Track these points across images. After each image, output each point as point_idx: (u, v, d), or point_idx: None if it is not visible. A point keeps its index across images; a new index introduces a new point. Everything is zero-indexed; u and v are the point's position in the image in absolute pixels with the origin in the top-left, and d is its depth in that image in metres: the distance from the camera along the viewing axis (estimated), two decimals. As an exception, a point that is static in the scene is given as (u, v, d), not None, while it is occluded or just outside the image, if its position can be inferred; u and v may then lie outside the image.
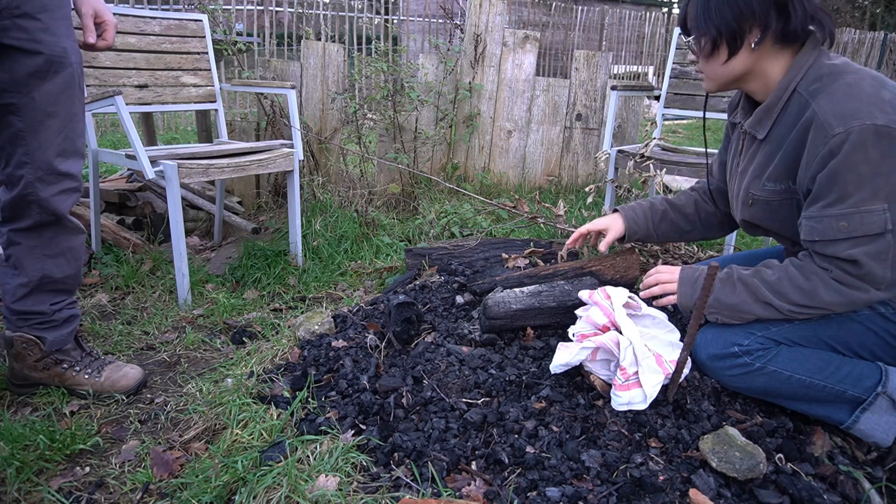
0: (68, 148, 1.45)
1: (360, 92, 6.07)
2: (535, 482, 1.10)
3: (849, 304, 1.15)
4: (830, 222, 1.10)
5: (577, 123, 3.61)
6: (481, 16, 3.52)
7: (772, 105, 1.23)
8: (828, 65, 1.16)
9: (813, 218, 1.13)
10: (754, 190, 1.29)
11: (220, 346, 1.89)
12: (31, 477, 1.26)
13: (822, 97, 1.12)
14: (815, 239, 1.14)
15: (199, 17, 2.62)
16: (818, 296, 1.15)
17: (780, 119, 1.22)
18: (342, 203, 2.93)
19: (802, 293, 1.16)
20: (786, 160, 1.20)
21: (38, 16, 1.33)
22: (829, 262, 1.14)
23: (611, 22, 11.69)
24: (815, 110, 1.12)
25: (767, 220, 1.30)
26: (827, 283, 1.14)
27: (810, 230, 1.14)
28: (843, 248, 1.10)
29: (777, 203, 1.25)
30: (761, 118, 1.26)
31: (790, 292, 1.18)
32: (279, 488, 1.12)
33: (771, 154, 1.24)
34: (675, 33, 2.80)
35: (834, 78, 1.13)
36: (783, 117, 1.21)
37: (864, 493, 1.12)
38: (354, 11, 7.84)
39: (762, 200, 1.28)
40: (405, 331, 1.62)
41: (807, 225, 1.15)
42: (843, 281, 1.13)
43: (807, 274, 1.16)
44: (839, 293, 1.13)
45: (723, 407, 1.31)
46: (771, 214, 1.28)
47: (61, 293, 1.55)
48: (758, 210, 1.30)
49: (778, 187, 1.23)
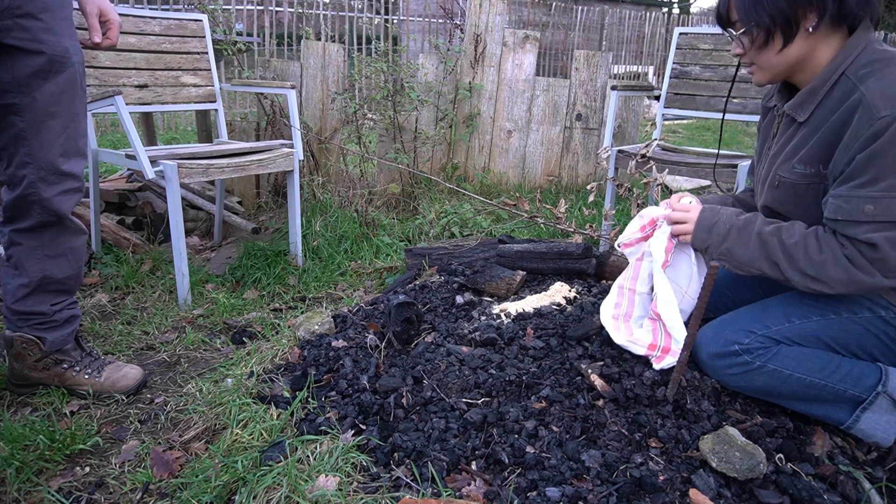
0: (70, 148, 1.45)
1: (360, 92, 6.07)
2: (535, 482, 1.10)
3: (852, 284, 1.14)
4: (858, 203, 1.09)
5: (577, 123, 3.61)
6: (481, 16, 3.52)
7: (817, 88, 1.20)
8: (879, 50, 1.14)
9: (841, 197, 1.12)
10: (783, 172, 1.27)
11: (220, 346, 1.89)
12: (31, 477, 1.26)
13: (871, 80, 1.10)
14: (838, 218, 1.12)
15: (199, 17, 2.62)
16: (825, 270, 1.15)
17: (823, 102, 1.20)
18: (342, 203, 2.93)
19: (812, 264, 1.16)
20: (822, 143, 1.18)
21: (40, 15, 1.33)
22: (846, 241, 1.13)
23: (611, 22, 11.70)
24: (863, 93, 1.10)
25: (790, 205, 1.28)
26: (837, 258, 1.13)
27: (836, 209, 1.13)
28: (864, 231, 1.09)
29: (803, 188, 1.23)
30: (804, 101, 1.23)
31: (801, 260, 1.17)
32: (279, 488, 1.12)
33: (807, 137, 1.23)
34: (676, 33, 2.80)
35: (886, 63, 1.11)
36: (826, 101, 1.20)
37: (864, 493, 1.12)
38: (354, 11, 7.84)
39: (789, 183, 1.26)
40: (405, 331, 1.62)
41: (833, 203, 1.14)
42: (854, 260, 1.12)
43: (822, 246, 1.16)
44: (846, 271, 1.13)
45: (723, 407, 1.31)
46: (795, 199, 1.26)
47: (62, 293, 1.55)
48: (782, 193, 1.28)
49: (808, 171, 1.22)
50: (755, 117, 2.54)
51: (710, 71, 2.68)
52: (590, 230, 2.34)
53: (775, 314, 1.25)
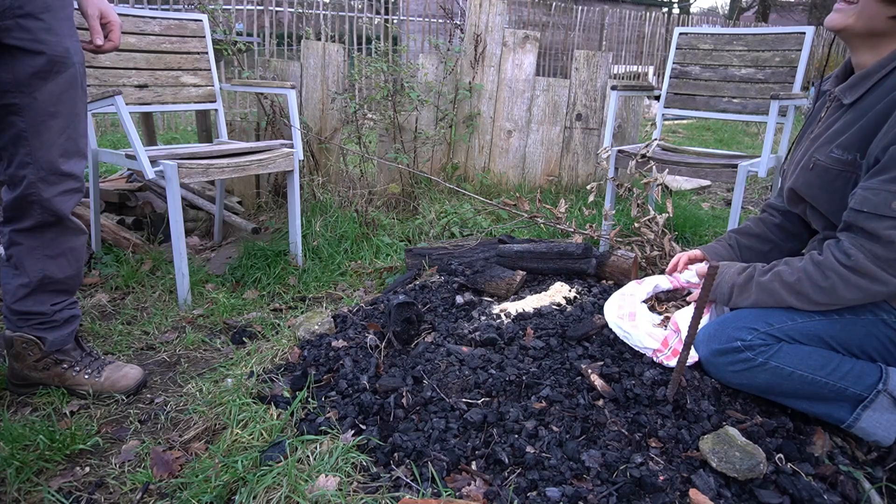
0: (71, 148, 1.45)
1: (360, 92, 6.07)
2: (535, 482, 1.11)
3: (869, 298, 1.15)
4: (886, 197, 1.09)
5: (577, 123, 3.61)
6: (481, 16, 3.52)
7: (872, 72, 1.20)
8: None
9: (870, 189, 1.12)
10: (819, 155, 1.26)
11: (220, 346, 1.90)
12: (31, 477, 1.26)
13: None
14: (863, 209, 1.12)
15: (199, 17, 2.62)
16: (837, 294, 1.16)
17: (874, 88, 1.20)
18: (342, 203, 2.93)
19: (823, 292, 1.17)
20: (864, 129, 1.18)
21: (41, 16, 1.33)
22: (860, 240, 1.12)
23: (611, 22, 11.70)
24: None
25: (817, 189, 1.28)
26: (845, 279, 1.14)
27: (863, 200, 1.12)
28: (885, 227, 1.09)
29: (835, 173, 1.23)
30: (856, 84, 1.23)
31: (811, 292, 1.18)
32: (279, 488, 1.12)
33: (851, 122, 1.22)
34: (676, 33, 2.80)
35: None
36: (878, 88, 1.19)
37: (864, 493, 1.12)
38: (354, 11, 7.84)
39: (822, 167, 1.25)
40: (405, 331, 1.62)
41: (861, 195, 1.13)
42: (864, 271, 1.11)
43: (825, 271, 1.16)
44: (859, 289, 1.13)
45: (723, 407, 1.31)
46: (824, 184, 1.26)
47: (62, 293, 1.55)
48: (814, 177, 1.28)
49: (844, 157, 1.21)
50: (755, 117, 2.54)
51: (710, 71, 2.68)
52: (590, 230, 2.34)
53: (778, 312, 1.25)
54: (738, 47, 2.63)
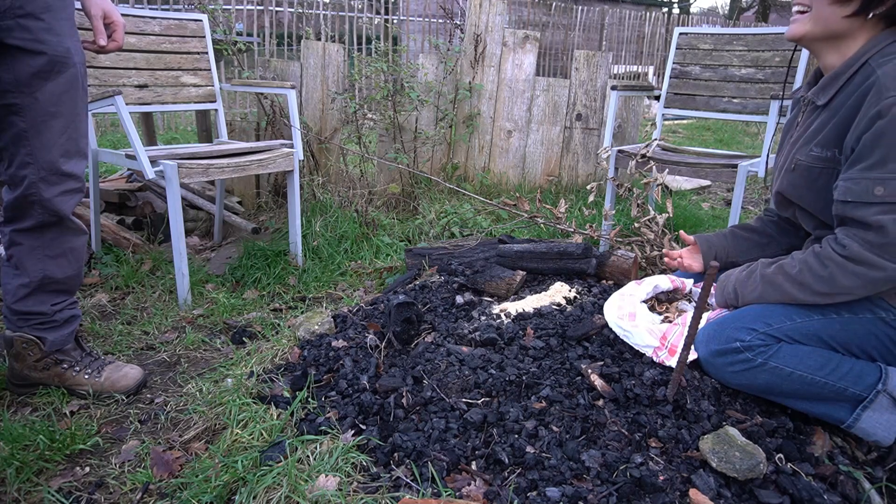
0: (71, 148, 1.45)
1: (360, 92, 6.07)
2: (535, 482, 1.11)
3: (870, 285, 1.15)
4: (867, 185, 1.11)
5: (577, 123, 3.61)
6: (481, 16, 3.52)
7: (840, 73, 1.24)
8: None
9: (851, 179, 1.14)
10: (800, 155, 1.30)
11: (220, 346, 1.90)
12: (31, 477, 1.26)
13: (888, 65, 1.13)
14: (847, 199, 1.14)
15: (199, 17, 2.62)
16: (836, 282, 1.17)
17: (844, 88, 1.23)
18: (342, 203, 2.93)
19: (822, 281, 1.19)
20: (839, 125, 1.21)
21: (42, 16, 1.33)
22: (853, 230, 1.14)
23: (611, 22, 11.70)
24: (878, 76, 1.13)
25: (803, 189, 1.31)
26: (843, 267, 1.15)
27: (845, 191, 1.15)
28: (873, 213, 1.10)
29: (818, 171, 1.26)
30: (827, 84, 1.27)
31: (812, 282, 1.20)
32: (279, 488, 1.12)
33: (826, 121, 1.25)
34: (676, 33, 2.80)
35: None
36: (847, 86, 1.22)
37: (864, 493, 1.12)
38: (354, 11, 7.84)
39: (804, 166, 1.29)
40: (405, 331, 1.62)
41: (843, 186, 1.16)
42: (860, 259, 1.12)
43: (824, 261, 1.18)
44: (857, 276, 1.14)
45: (723, 407, 1.31)
46: (808, 183, 1.28)
47: (62, 293, 1.55)
48: (797, 177, 1.31)
49: (824, 154, 1.24)
50: (755, 117, 2.54)
51: (710, 71, 2.68)
52: (590, 230, 2.34)
53: (777, 312, 1.25)
54: (738, 47, 2.63)
